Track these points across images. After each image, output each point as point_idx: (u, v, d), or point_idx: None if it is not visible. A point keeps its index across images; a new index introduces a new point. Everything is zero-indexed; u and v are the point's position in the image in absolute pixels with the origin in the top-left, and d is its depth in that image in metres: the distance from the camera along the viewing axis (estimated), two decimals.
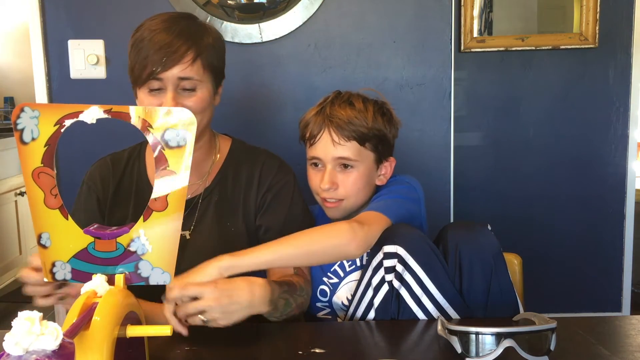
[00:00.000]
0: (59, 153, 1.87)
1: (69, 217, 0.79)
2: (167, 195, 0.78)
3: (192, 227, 1.19)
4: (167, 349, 0.92)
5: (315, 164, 1.25)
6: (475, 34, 2.07)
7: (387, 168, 1.29)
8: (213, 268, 0.95)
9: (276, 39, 1.87)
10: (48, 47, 1.87)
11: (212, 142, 1.25)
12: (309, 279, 1.20)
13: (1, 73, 4.02)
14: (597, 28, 2.04)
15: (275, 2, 1.84)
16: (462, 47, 2.06)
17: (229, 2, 1.85)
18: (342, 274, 1.26)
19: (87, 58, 1.85)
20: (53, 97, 1.88)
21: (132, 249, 0.79)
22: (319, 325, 1.17)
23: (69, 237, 0.79)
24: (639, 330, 0.97)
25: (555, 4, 2.20)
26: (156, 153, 0.78)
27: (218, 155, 1.25)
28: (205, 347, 0.94)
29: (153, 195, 0.78)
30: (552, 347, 0.83)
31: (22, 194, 3.24)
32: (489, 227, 1.12)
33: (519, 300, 1.08)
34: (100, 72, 1.87)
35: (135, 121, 0.77)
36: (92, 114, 0.76)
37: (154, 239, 0.79)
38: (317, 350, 0.89)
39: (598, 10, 2.03)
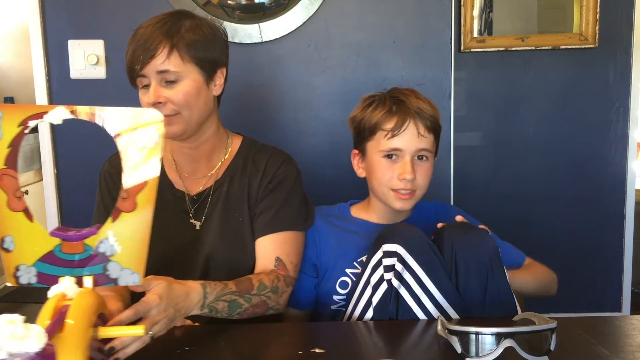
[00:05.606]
0: (58, 153, 1.87)
1: (34, 219, 0.77)
2: (135, 196, 0.76)
3: (203, 219, 1.22)
4: (167, 349, 0.92)
5: (390, 156, 1.23)
6: (475, 34, 2.07)
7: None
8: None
9: (276, 39, 1.87)
10: (48, 47, 1.87)
11: (223, 138, 1.27)
12: (292, 276, 1.19)
13: (1, 73, 4.02)
14: (597, 28, 2.04)
15: (275, 2, 1.84)
16: (462, 47, 2.06)
17: (229, 2, 1.85)
18: None
19: (87, 58, 1.85)
20: (53, 97, 1.88)
21: (100, 250, 0.78)
22: (319, 325, 1.17)
23: (34, 240, 0.77)
24: (639, 330, 0.97)
25: (555, 4, 2.20)
26: (125, 154, 0.76)
27: (228, 153, 1.27)
28: (205, 347, 0.94)
29: (121, 196, 0.77)
30: (552, 347, 0.83)
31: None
32: (488, 230, 1.12)
33: (517, 302, 1.08)
34: (100, 72, 1.87)
35: (100, 122, 0.75)
36: (58, 114, 0.74)
37: (124, 239, 0.77)
38: (317, 350, 0.89)
39: (598, 10, 2.03)
